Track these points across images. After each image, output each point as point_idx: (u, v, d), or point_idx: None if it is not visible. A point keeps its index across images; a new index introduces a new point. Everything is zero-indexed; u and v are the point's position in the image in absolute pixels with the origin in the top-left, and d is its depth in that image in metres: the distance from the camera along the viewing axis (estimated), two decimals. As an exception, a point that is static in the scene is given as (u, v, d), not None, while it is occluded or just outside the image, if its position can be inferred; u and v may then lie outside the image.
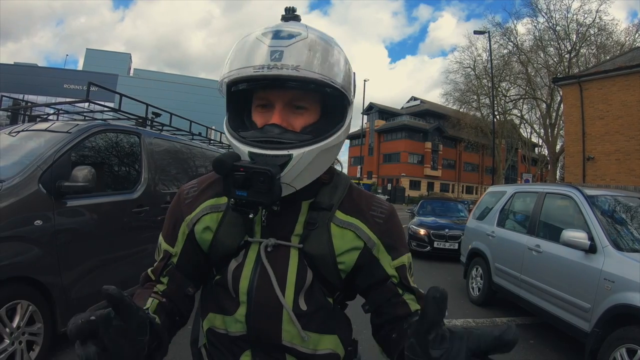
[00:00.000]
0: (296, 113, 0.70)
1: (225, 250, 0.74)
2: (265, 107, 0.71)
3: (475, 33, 21.63)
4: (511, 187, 5.11)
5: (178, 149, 4.16)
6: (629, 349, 2.42)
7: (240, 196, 0.63)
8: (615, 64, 12.47)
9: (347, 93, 0.70)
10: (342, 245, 0.73)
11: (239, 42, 0.70)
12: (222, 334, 0.75)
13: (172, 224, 0.79)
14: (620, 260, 2.76)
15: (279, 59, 0.63)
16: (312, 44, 0.66)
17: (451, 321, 4.05)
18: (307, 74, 0.64)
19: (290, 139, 0.67)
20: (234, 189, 0.63)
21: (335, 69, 0.68)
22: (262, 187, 0.62)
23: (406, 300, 0.74)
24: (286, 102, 0.69)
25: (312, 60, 0.65)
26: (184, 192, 0.81)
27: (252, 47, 0.66)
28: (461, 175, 46.65)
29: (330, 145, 0.69)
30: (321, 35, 0.70)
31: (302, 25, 0.71)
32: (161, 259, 0.79)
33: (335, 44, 0.71)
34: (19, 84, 35.77)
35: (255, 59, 0.65)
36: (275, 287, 0.70)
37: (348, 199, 0.78)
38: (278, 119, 0.68)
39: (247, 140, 0.68)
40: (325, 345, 0.75)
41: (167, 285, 0.78)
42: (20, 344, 2.23)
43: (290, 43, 0.65)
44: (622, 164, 11.27)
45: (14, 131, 3.05)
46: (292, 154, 0.65)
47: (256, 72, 0.64)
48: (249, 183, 0.62)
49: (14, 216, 2.25)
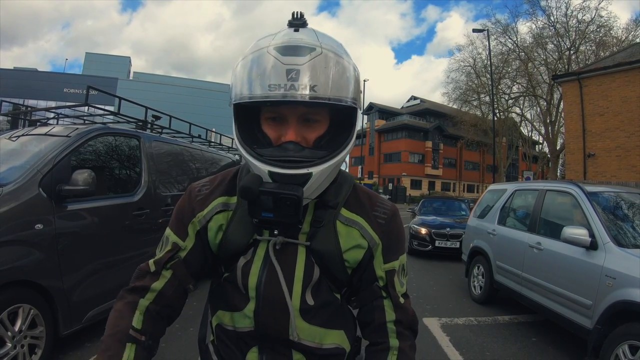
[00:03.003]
0: (309, 127, 0.71)
1: (235, 248, 0.76)
2: (276, 121, 0.71)
3: (474, 31, 21.67)
4: (512, 185, 5.10)
5: (178, 151, 4.17)
6: (631, 345, 2.42)
7: (266, 217, 0.67)
8: (614, 60, 12.45)
9: (357, 105, 0.71)
10: (347, 242, 0.76)
11: (250, 57, 0.68)
12: (230, 330, 0.78)
13: (182, 218, 0.80)
14: (621, 256, 2.75)
15: (295, 79, 0.63)
16: (327, 60, 0.66)
17: (453, 320, 4.05)
18: (324, 94, 0.64)
19: (308, 157, 0.68)
20: (260, 211, 0.67)
21: (349, 85, 0.68)
22: (289, 210, 0.65)
23: (385, 306, 0.79)
24: (299, 116, 0.70)
25: (328, 80, 0.65)
26: (196, 189, 0.82)
27: (267, 65, 0.65)
28: (462, 174, 46.58)
29: (342, 159, 0.72)
30: (333, 46, 0.69)
31: (312, 33, 0.70)
32: (168, 250, 0.79)
33: (344, 53, 0.70)
34: (19, 88, 35.88)
35: (271, 78, 0.64)
36: (282, 284, 0.72)
37: (353, 197, 0.80)
38: (293, 135, 0.69)
39: (265, 159, 0.68)
40: (331, 340, 0.77)
41: (169, 279, 0.77)
42: (22, 347, 2.24)
43: (305, 61, 0.64)
44: (623, 160, 11.24)
45: (14, 136, 3.06)
46: (312, 172, 0.67)
47: (273, 93, 0.64)
48: (276, 205, 0.65)
49: (15, 220, 2.25)
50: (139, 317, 0.74)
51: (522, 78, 23.88)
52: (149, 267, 0.79)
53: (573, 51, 21.41)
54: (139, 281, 0.78)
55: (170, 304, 0.78)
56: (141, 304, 0.75)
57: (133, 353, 0.71)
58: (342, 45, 0.73)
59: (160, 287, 0.77)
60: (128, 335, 0.71)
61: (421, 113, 46.71)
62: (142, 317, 0.74)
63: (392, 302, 0.79)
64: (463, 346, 3.35)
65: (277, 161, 0.67)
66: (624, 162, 11.21)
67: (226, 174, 0.83)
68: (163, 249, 0.80)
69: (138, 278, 0.79)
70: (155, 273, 0.78)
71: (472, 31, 22.76)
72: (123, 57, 50.68)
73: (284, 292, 0.72)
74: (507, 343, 3.50)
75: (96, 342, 2.88)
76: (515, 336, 3.68)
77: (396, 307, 0.78)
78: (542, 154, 29.49)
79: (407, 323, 0.79)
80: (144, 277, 0.78)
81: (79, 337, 2.85)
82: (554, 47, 22.26)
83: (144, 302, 0.75)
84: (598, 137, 11.85)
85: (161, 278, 0.77)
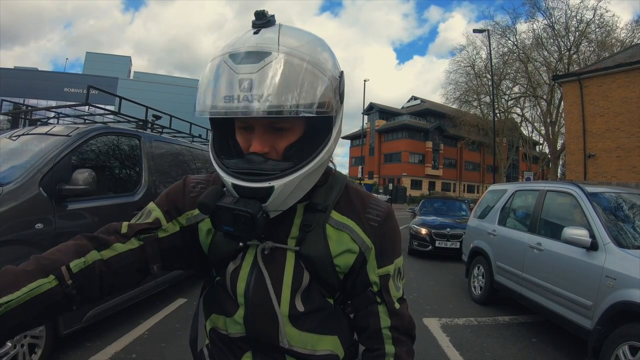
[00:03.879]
0: (278, 135, 0.67)
1: (224, 253, 0.74)
2: (247, 130, 0.68)
3: (475, 32, 21.65)
4: (512, 185, 5.10)
5: (178, 151, 4.17)
6: (631, 346, 2.41)
7: (227, 231, 0.66)
8: (615, 60, 12.45)
9: (327, 111, 0.64)
10: (338, 247, 0.73)
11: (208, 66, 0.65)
12: (224, 335, 0.76)
13: (172, 205, 0.77)
14: (621, 257, 2.75)
15: (248, 89, 0.59)
16: (285, 64, 0.60)
17: (453, 320, 4.05)
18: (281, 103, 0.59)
19: (270, 169, 0.64)
20: (221, 224, 0.66)
21: (315, 89, 0.62)
22: (245, 227, 0.64)
23: (380, 312, 0.77)
24: (266, 125, 0.66)
25: (285, 87, 0.59)
26: (191, 184, 0.79)
27: (222, 74, 0.62)
28: (462, 174, 46.58)
29: (312, 170, 0.66)
30: (296, 47, 0.62)
31: (275, 33, 0.63)
32: (148, 222, 0.73)
33: (313, 52, 0.64)
34: (20, 88, 35.90)
35: (225, 89, 0.61)
36: (270, 291, 0.71)
37: (344, 199, 0.77)
38: (258, 146, 0.65)
39: (229, 170, 0.66)
40: (324, 346, 0.75)
41: (135, 248, 0.71)
42: (22, 347, 2.24)
43: (258, 68, 0.59)
44: (623, 160, 11.24)
45: (14, 135, 3.06)
46: (273, 186, 0.63)
47: (226, 105, 0.60)
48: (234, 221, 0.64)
49: (15, 220, 2.25)
50: (80, 264, 0.64)
51: (522, 78, 23.90)
52: (121, 228, 0.72)
53: (573, 51, 21.40)
54: (103, 234, 0.71)
55: (120, 273, 0.69)
56: (91, 255, 0.66)
57: (48, 286, 0.60)
58: (319, 42, 0.68)
59: (123, 250, 0.69)
60: (57, 268, 0.62)
61: (421, 113, 46.70)
62: (83, 266, 0.64)
63: (387, 307, 0.77)
64: (463, 346, 3.35)
65: (240, 173, 0.65)
66: (625, 162, 11.21)
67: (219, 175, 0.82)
68: (141, 220, 0.74)
69: (104, 232, 0.71)
70: (124, 236, 0.71)
71: (473, 31, 22.77)
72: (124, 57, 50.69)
73: (271, 299, 0.70)
74: (507, 343, 3.49)
75: (96, 342, 2.89)
76: (516, 337, 3.67)
77: (391, 313, 0.76)
78: (542, 154, 29.48)
79: (403, 329, 0.78)
80: (110, 234, 0.71)
81: (79, 337, 2.85)
82: (554, 48, 22.29)
83: (95, 255, 0.66)
84: (598, 137, 11.84)
85: (128, 243, 0.70)
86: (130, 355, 2.76)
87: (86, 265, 0.65)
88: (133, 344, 2.95)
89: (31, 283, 0.59)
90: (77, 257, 0.64)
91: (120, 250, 0.69)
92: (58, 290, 0.61)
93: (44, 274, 0.60)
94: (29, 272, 0.60)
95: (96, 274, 0.66)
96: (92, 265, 0.65)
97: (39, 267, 0.61)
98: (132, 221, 0.74)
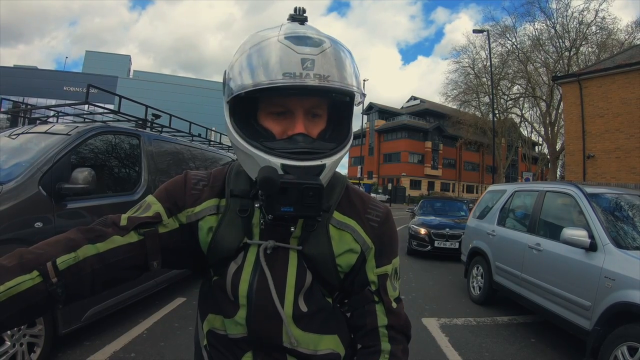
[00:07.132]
0: (313, 121, 0.70)
1: (224, 252, 0.73)
2: (280, 115, 0.68)
3: (475, 32, 21.66)
4: (511, 185, 5.10)
5: (178, 150, 4.17)
6: (630, 346, 2.42)
7: (286, 212, 0.63)
8: (614, 61, 12.45)
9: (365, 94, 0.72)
10: (340, 247, 0.74)
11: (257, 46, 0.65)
12: (222, 336, 0.75)
13: (171, 201, 0.74)
14: (620, 257, 2.76)
15: (311, 68, 0.62)
16: (337, 52, 0.66)
17: (452, 320, 4.05)
18: (341, 85, 0.64)
19: (320, 148, 0.67)
20: (279, 206, 0.63)
21: (357, 77, 0.69)
22: (312, 201, 0.62)
23: (377, 311, 0.77)
24: (306, 109, 0.68)
25: (341, 70, 0.65)
26: (192, 181, 0.77)
27: (280, 53, 0.63)
28: (462, 175, 46.63)
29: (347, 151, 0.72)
30: (338, 42, 0.69)
31: (315, 28, 0.70)
32: (148, 216, 0.70)
33: (347, 49, 0.71)
34: (19, 86, 35.86)
35: (286, 67, 0.62)
36: (273, 292, 0.70)
37: (345, 199, 0.78)
38: (303, 127, 0.67)
39: (277, 152, 0.65)
40: (325, 346, 0.75)
41: (134, 242, 0.67)
42: (22, 345, 2.24)
43: (319, 51, 0.64)
44: (623, 161, 11.25)
45: (14, 134, 3.05)
46: (325, 164, 0.66)
47: (291, 82, 0.61)
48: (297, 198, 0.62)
49: (14, 218, 2.25)
50: (70, 260, 0.60)
51: (521, 79, 23.92)
52: (120, 220, 0.68)
53: (573, 52, 21.42)
54: (100, 226, 0.67)
55: (115, 268, 0.65)
56: (84, 250, 0.62)
57: (30, 284, 0.56)
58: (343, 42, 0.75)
59: (121, 243, 0.66)
60: (42, 264, 0.58)
61: (421, 113, 46.74)
62: (72, 262, 0.60)
63: (384, 306, 0.77)
64: (462, 346, 3.35)
65: (290, 153, 0.65)
66: (624, 163, 11.22)
67: (218, 172, 0.80)
68: (140, 213, 0.71)
69: (100, 223, 0.68)
70: (123, 228, 0.67)
71: (472, 32, 22.78)
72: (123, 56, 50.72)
73: (275, 301, 0.69)
74: (505, 344, 3.50)
75: (95, 341, 2.89)
76: (514, 337, 3.68)
77: (388, 312, 0.77)
78: (541, 155, 29.51)
79: (400, 328, 0.78)
80: (107, 226, 0.67)
81: (78, 336, 2.85)
82: (553, 49, 22.31)
83: (88, 250, 0.63)
84: (598, 138, 11.85)
85: (127, 236, 0.66)
86: (129, 354, 2.76)
87: (76, 261, 0.61)
88: (132, 343, 2.95)
89: (8, 281, 0.55)
90: (66, 252, 0.60)
91: (118, 243, 0.65)
92: (41, 288, 0.57)
93: (26, 270, 0.56)
94: (7, 269, 0.56)
95: (87, 271, 0.62)
96: (83, 261, 0.61)
97: (20, 263, 0.57)
98: (130, 213, 0.71)
